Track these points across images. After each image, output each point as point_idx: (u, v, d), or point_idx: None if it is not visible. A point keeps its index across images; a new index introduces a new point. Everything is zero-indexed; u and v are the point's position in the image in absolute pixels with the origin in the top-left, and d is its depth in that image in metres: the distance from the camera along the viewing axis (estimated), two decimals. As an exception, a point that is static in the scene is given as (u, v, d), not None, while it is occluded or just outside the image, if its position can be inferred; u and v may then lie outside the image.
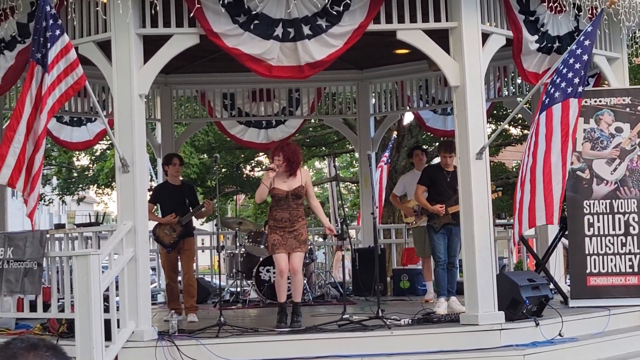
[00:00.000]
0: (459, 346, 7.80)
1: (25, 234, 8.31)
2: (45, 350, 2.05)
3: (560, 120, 7.82)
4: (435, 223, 9.59)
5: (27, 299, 8.24)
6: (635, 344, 8.71)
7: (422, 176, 10.03)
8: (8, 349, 2.02)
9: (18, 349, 2.02)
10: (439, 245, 9.52)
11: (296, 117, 13.59)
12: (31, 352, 2.03)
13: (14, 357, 1.99)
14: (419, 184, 9.94)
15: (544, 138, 7.83)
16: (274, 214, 8.69)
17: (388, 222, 18.28)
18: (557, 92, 7.84)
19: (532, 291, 8.41)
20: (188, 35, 8.16)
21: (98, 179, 22.62)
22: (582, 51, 7.84)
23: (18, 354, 2.00)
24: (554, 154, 7.78)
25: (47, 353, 2.04)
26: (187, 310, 9.62)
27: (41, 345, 2.05)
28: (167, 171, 10.10)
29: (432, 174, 9.89)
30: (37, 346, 2.05)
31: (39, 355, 2.02)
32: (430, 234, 9.69)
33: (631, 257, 9.34)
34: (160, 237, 9.77)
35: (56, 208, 48.45)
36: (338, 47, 8.16)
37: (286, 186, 8.60)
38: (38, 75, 7.22)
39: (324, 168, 38.18)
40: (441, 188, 9.65)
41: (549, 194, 7.80)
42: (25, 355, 2.01)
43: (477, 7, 8.33)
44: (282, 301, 8.70)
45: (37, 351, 2.03)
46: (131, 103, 7.91)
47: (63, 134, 12.47)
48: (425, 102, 13.06)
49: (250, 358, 7.64)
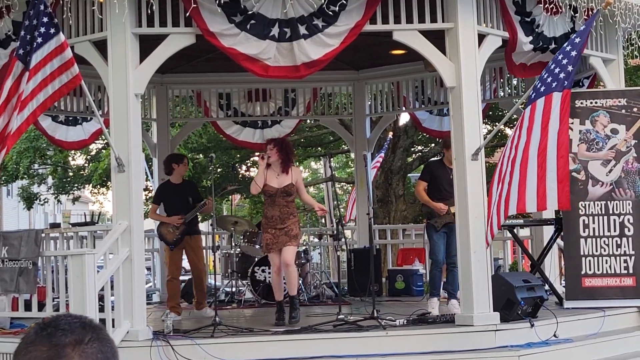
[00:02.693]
0: (453, 347, 7.80)
1: (20, 233, 8.31)
2: (91, 345, 1.84)
3: (542, 113, 7.72)
4: (436, 222, 9.40)
5: (22, 298, 8.23)
6: (630, 345, 8.73)
7: (423, 171, 9.85)
8: (47, 343, 1.82)
9: (62, 345, 1.82)
10: (438, 246, 9.37)
11: (292, 117, 13.59)
12: (75, 348, 1.82)
13: (57, 356, 1.80)
14: (419, 179, 9.76)
15: (525, 131, 7.76)
16: (265, 212, 8.88)
17: (384, 222, 18.29)
18: (543, 86, 7.80)
19: (527, 292, 8.42)
20: (184, 35, 8.16)
21: (92, 179, 22.57)
22: (572, 48, 7.80)
23: (62, 354, 1.81)
24: (532, 146, 7.66)
25: (92, 349, 1.84)
26: (202, 305, 9.96)
27: (86, 339, 1.85)
28: (174, 170, 10.18)
29: (433, 170, 9.64)
30: (81, 341, 1.84)
31: (85, 354, 1.82)
32: (430, 233, 9.49)
33: (626, 258, 9.35)
34: (164, 235, 9.92)
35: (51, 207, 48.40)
36: (334, 46, 8.16)
37: (277, 183, 8.74)
38: (17, 71, 7.19)
39: (320, 168, 38.17)
40: (442, 185, 9.41)
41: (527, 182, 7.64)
42: (70, 354, 1.81)
43: (473, 8, 8.33)
44: (280, 299, 8.75)
45: (82, 346, 1.83)
46: (127, 102, 7.91)
47: (58, 133, 12.44)
48: (421, 102, 13.06)
49: (245, 358, 7.65)
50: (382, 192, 19.25)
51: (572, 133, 9.60)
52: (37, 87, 7.14)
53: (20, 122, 7.09)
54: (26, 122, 7.17)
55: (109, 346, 1.89)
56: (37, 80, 7.15)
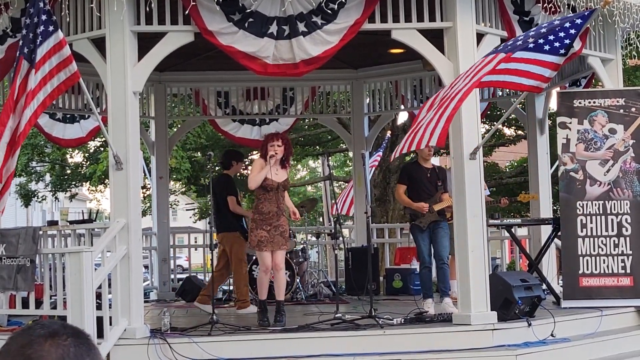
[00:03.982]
0: (451, 346, 7.80)
1: (18, 230, 8.30)
2: (65, 339, 1.91)
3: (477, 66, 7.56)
4: (421, 222, 9.34)
5: (19, 296, 8.22)
6: (627, 345, 8.74)
7: (401, 174, 9.84)
8: (25, 335, 1.91)
9: (36, 336, 1.90)
10: (424, 246, 9.31)
11: (290, 115, 13.59)
12: (48, 340, 1.89)
13: (29, 344, 1.88)
14: (398, 183, 9.77)
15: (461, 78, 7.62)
16: (260, 207, 8.65)
17: (381, 221, 18.30)
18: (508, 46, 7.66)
19: (524, 291, 8.42)
20: (183, 33, 8.16)
21: (91, 181, 22.57)
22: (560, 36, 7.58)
23: (34, 342, 1.89)
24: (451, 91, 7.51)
25: (65, 342, 1.90)
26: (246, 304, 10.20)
27: (61, 333, 1.91)
28: (232, 166, 10.56)
29: (411, 171, 9.63)
30: (56, 334, 1.91)
31: (56, 344, 1.89)
32: (416, 234, 9.45)
33: (623, 258, 9.35)
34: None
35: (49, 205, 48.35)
36: (334, 43, 8.16)
37: (277, 178, 8.65)
38: (24, 70, 7.20)
39: (318, 167, 38.17)
40: (421, 185, 9.42)
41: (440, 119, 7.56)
42: (42, 343, 1.88)
43: (472, 7, 8.33)
44: (264, 298, 8.70)
45: (55, 339, 1.90)
46: (125, 100, 7.90)
47: (55, 130, 12.43)
48: (419, 101, 13.05)
49: (242, 356, 7.64)
50: (380, 191, 19.26)
51: (570, 132, 9.62)
52: (37, 86, 7.14)
53: (25, 122, 7.10)
54: (29, 122, 7.17)
55: (87, 347, 1.92)
56: (37, 79, 7.14)
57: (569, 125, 9.64)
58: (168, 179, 14.71)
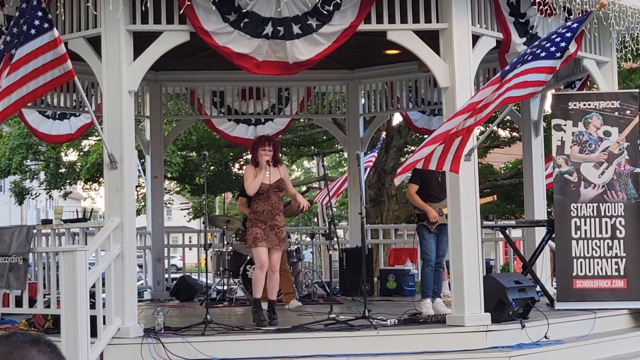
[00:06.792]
0: (444, 347, 7.81)
1: (11, 229, 8.28)
2: (47, 347, 2.07)
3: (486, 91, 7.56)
4: (430, 223, 9.44)
5: (12, 294, 8.21)
6: (620, 348, 8.76)
7: (413, 174, 9.77)
8: (10, 342, 2.04)
9: (21, 342, 2.05)
10: (430, 245, 9.41)
11: (285, 115, 13.59)
12: (34, 346, 2.05)
13: (17, 349, 2.02)
14: (410, 183, 9.77)
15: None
16: (254, 207, 8.88)
17: (376, 222, 18.30)
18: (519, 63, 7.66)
19: (518, 293, 8.43)
20: (178, 33, 8.15)
21: (81, 174, 22.50)
22: (557, 41, 7.60)
23: (21, 347, 2.02)
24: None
25: (48, 349, 2.07)
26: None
27: (42, 342, 2.08)
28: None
29: (422, 172, 9.50)
30: (38, 341, 2.07)
31: (42, 351, 2.05)
32: (423, 233, 9.51)
33: (617, 260, 9.37)
34: None
35: (43, 204, 48.30)
36: (326, 45, 8.16)
37: (268, 179, 8.81)
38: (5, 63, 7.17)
39: (313, 167, 38.17)
40: (432, 187, 9.49)
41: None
42: (29, 349, 2.03)
43: (468, 9, 8.33)
44: (259, 297, 8.72)
45: (40, 346, 2.06)
46: (120, 99, 7.89)
47: (42, 126, 12.38)
48: (414, 103, 13.07)
49: (235, 356, 7.64)
50: (374, 192, 19.27)
51: (565, 135, 9.63)
52: (27, 75, 7.08)
53: (7, 105, 7.06)
54: (14, 105, 7.14)
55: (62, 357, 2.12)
56: (28, 69, 7.10)
57: (563, 128, 9.66)
58: (163, 179, 14.69)
